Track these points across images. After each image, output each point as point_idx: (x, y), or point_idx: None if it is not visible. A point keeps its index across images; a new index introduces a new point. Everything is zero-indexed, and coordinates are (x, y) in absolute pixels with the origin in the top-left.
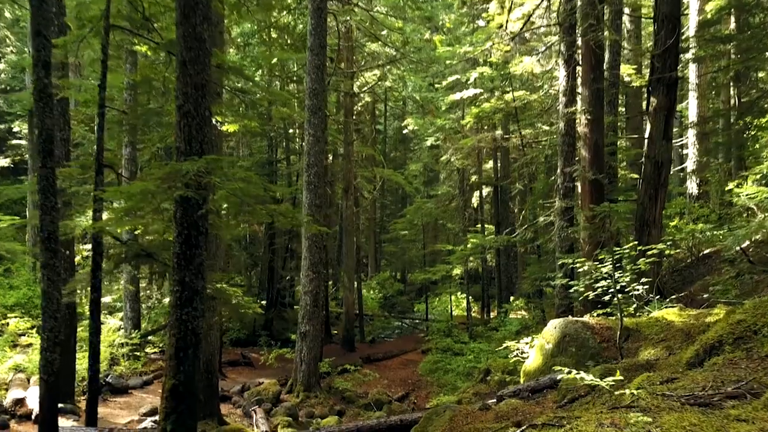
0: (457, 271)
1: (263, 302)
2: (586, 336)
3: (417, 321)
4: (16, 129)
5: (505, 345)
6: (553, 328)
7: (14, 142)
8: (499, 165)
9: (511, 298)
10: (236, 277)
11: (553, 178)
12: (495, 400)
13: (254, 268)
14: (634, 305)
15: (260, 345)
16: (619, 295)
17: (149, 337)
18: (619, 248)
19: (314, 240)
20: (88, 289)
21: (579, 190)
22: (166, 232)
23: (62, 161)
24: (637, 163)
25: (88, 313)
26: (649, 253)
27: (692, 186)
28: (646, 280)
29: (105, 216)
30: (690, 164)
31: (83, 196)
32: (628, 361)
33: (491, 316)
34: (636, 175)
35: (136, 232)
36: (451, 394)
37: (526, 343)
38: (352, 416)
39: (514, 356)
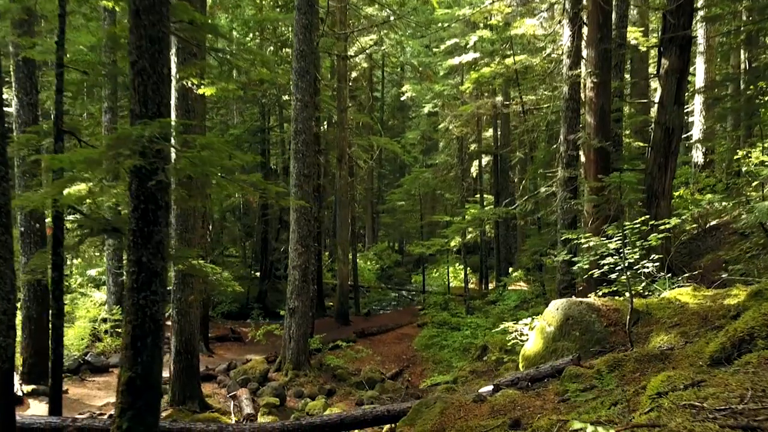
0: (453, 243)
1: (257, 274)
2: (592, 319)
3: (414, 293)
4: (5, 96)
5: (503, 326)
6: (555, 309)
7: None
8: (499, 133)
9: (510, 269)
10: (231, 248)
11: (555, 146)
12: (491, 389)
13: (249, 239)
14: (643, 284)
15: (253, 318)
16: (628, 273)
17: None
18: (629, 222)
19: (303, 212)
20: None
21: (583, 158)
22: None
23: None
24: (642, 130)
25: (78, 289)
26: (661, 228)
27: (698, 155)
28: (657, 256)
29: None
30: (696, 132)
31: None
32: (640, 351)
33: (489, 288)
34: (641, 143)
35: (107, 205)
36: (447, 372)
37: (525, 324)
38: (342, 395)
39: (513, 338)
